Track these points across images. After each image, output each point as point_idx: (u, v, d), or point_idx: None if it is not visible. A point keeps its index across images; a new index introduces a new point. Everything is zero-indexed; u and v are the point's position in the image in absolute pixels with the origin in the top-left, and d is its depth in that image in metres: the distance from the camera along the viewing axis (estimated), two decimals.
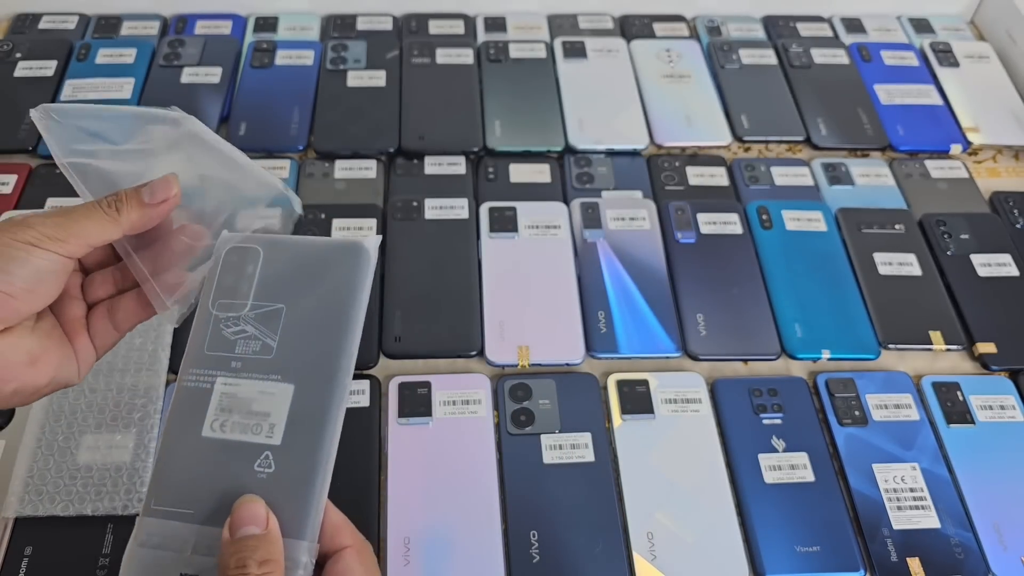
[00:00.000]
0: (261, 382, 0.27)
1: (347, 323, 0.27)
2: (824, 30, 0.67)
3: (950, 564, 0.39)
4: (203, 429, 0.26)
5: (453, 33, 0.64)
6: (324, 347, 0.27)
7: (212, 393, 0.27)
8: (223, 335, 0.28)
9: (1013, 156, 0.59)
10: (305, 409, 0.26)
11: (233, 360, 0.27)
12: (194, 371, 0.27)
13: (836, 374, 0.46)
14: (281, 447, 0.26)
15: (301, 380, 0.27)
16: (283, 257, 0.29)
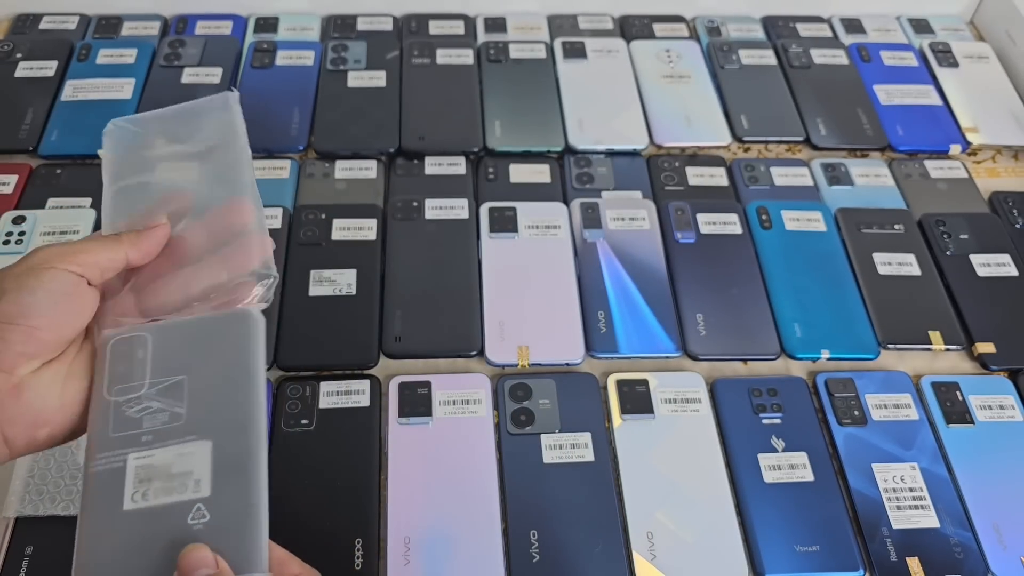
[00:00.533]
0: (177, 446, 0.27)
1: (251, 378, 0.28)
2: (824, 30, 0.67)
3: (949, 564, 0.39)
4: (124, 504, 0.26)
5: (453, 33, 0.64)
6: (233, 402, 0.27)
7: (126, 470, 0.27)
8: (126, 416, 0.28)
9: (1012, 156, 0.60)
10: (228, 458, 0.27)
11: (143, 435, 0.27)
12: (102, 455, 0.27)
13: (835, 374, 0.46)
14: (212, 496, 0.26)
15: (217, 434, 0.27)
16: (173, 336, 0.29)
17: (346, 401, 0.43)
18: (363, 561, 0.38)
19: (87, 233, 0.49)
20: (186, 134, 0.32)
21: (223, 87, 0.58)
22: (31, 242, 0.48)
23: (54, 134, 0.54)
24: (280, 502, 0.39)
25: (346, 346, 0.45)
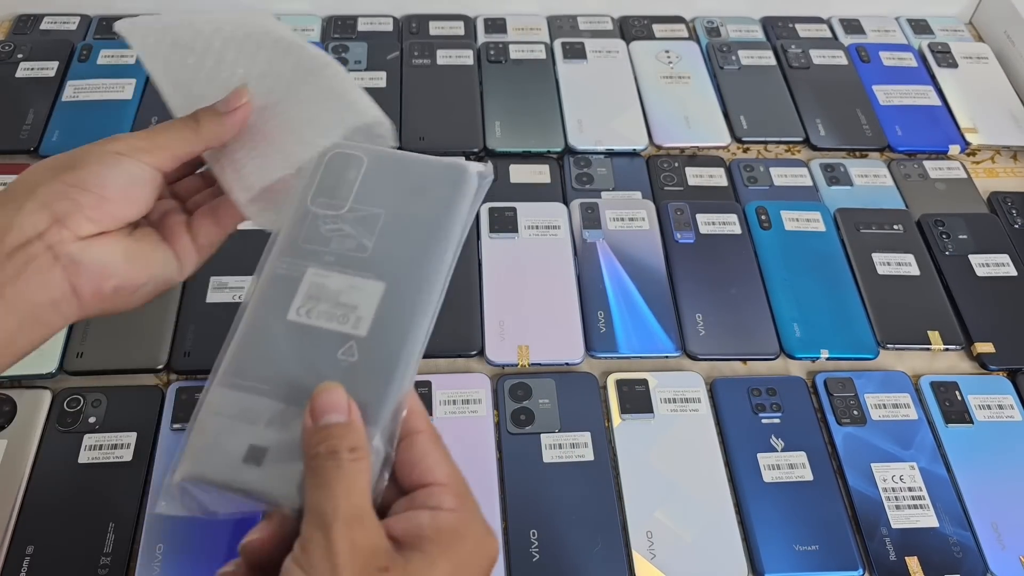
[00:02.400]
0: (353, 277, 0.27)
1: (444, 234, 0.28)
2: (823, 31, 0.67)
3: (948, 563, 0.39)
4: (289, 313, 0.27)
5: (453, 34, 0.64)
6: (420, 254, 0.27)
7: (302, 281, 0.27)
8: (319, 231, 0.28)
9: (1011, 156, 0.60)
10: (394, 307, 0.27)
11: (327, 254, 0.28)
12: (287, 259, 0.28)
13: (835, 374, 0.46)
14: (366, 338, 0.26)
15: (393, 280, 0.27)
16: (386, 168, 0.29)
17: None
18: None
19: None
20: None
21: None
22: None
23: (55, 134, 0.54)
24: None
25: None
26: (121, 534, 0.38)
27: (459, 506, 0.26)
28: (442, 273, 0.27)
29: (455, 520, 0.25)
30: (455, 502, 0.26)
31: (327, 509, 0.23)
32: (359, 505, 0.24)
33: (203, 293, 0.47)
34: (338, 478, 0.23)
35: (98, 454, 0.40)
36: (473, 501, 0.27)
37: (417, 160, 0.29)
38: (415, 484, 0.26)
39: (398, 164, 0.29)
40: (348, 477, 0.24)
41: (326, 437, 0.24)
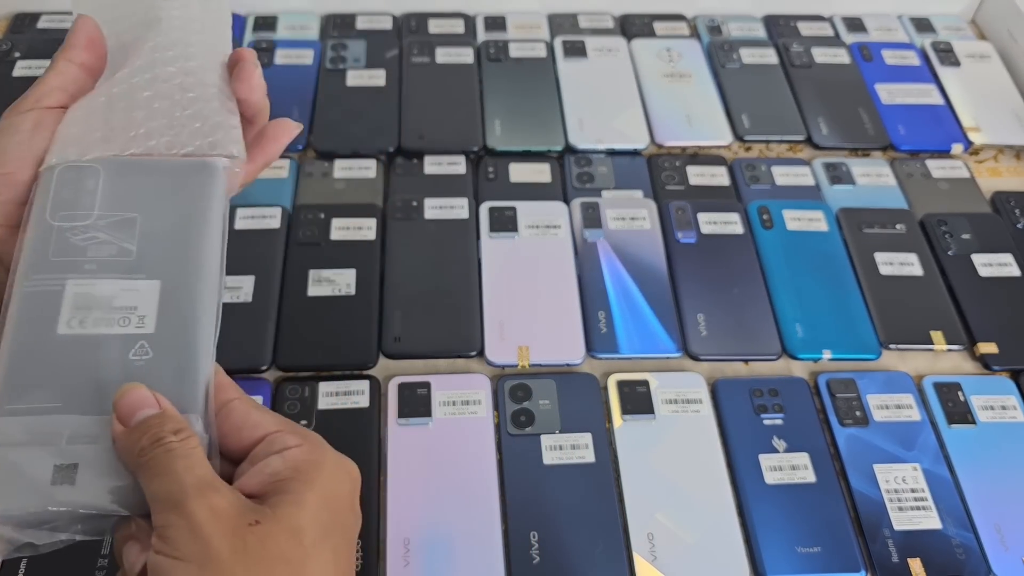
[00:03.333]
0: (123, 281, 0.26)
1: (206, 227, 0.28)
2: (825, 29, 0.67)
3: (951, 565, 0.39)
4: (59, 327, 0.26)
5: (453, 32, 0.63)
6: (187, 249, 0.27)
7: (64, 294, 0.26)
8: (70, 242, 0.27)
9: (1014, 156, 0.59)
10: (176, 301, 0.26)
11: (86, 263, 0.27)
12: (38, 276, 0.26)
13: (837, 374, 0.46)
14: (156, 335, 0.26)
15: (168, 277, 0.27)
16: (128, 173, 0.28)
17: (345, 402, 0.43)
18: (363, 562, 0.38)
19: None
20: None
21: None
22: None
23: None
24: None
25: (345, 346, 0.45)
26: None
27: (303, 440, 0.25)
28: (215, 263, 0.27)
29: (305, 452, 0.25)
30: (297, 439, 0.25)
31: (174, 490, 0.22)
32: (204, 476, 0.23)
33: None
34: (173, 459, 0.23)
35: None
36: (315, 435, 0.26)
37: (160, 163, 0.29)
38: (248, 445, 0.25)
39: (141, 168, 0.29)
40: (183, 456, 0.23)
41: (145, 430, 0.23)
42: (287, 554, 0.22)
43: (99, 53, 0.31)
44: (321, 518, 0.24)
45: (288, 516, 0.23)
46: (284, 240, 0.49)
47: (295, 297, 0.46)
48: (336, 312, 0.46)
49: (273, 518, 0.23)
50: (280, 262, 0.48)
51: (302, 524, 0.23)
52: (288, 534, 0.23)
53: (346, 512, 0.25)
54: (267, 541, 0.22)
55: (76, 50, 0.31)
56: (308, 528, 0.23)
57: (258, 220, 0.50)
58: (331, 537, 0.24)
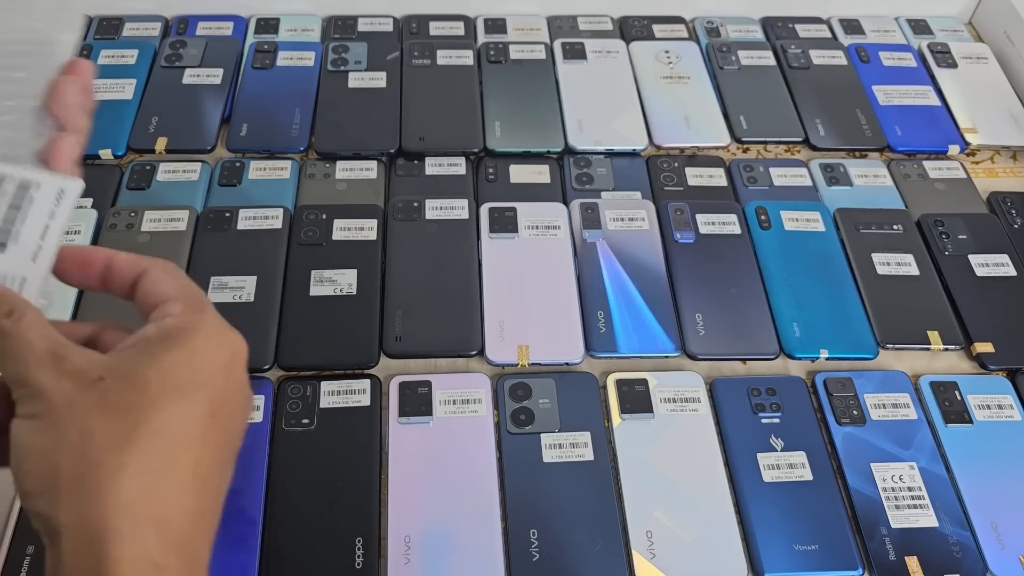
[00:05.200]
0: None
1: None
2: (822, 31, 0.67)
3: (948, 563, 0.39)
4: None
5: (453, 34, 0.64)
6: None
7: None
8: None
9: (1011, 157, 0.60)
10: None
11: None
12: None
13: (834, 373, 0.46)
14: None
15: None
16: None
17: (347, 400, 0.43)
18: (364, 560, 0.38)
19: (88, 233, 0.49)
20: None
21: (224, 87, 0.58)
22: None
23: None
24: (281, 501, 0.40)
25: (347, 346, 0.45)
26: None
27: (186, 310, 0.25)
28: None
29: (180, 321, 0.24)
30: (182, 307, 0.25)
31: (17, 370, 0.23)
32: (45, 347, 0.23)
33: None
34: (9, 342, 0.23)
35: None
36: (210, 309, 0.26)
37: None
38: (148, 313, 0.25)
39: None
40: (18, 336, 0.23)
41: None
42: (128, 402, 0.23)
43: None
44: (177, 373, 0.24)
45: (133, 368, 0.23)
46: (286, 240, 0.49)
47: (297, 297, 0.47)
48: (338, 312, 0.46)
49: (118, 371, 0.23)
50: (282, 262, 0.48)
51: (148, 376, 0.23)
52: (130, 384, 0.23)
53: (215, 375, 0.25)
54: (108, 392, 0.23)
55: None
56: (155, 380, 0.23)
57: (260, 220, 0.50)
58: (189, 393, 0.24)
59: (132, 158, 0.55)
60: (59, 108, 0.29)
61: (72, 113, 0.30)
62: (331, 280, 0.47)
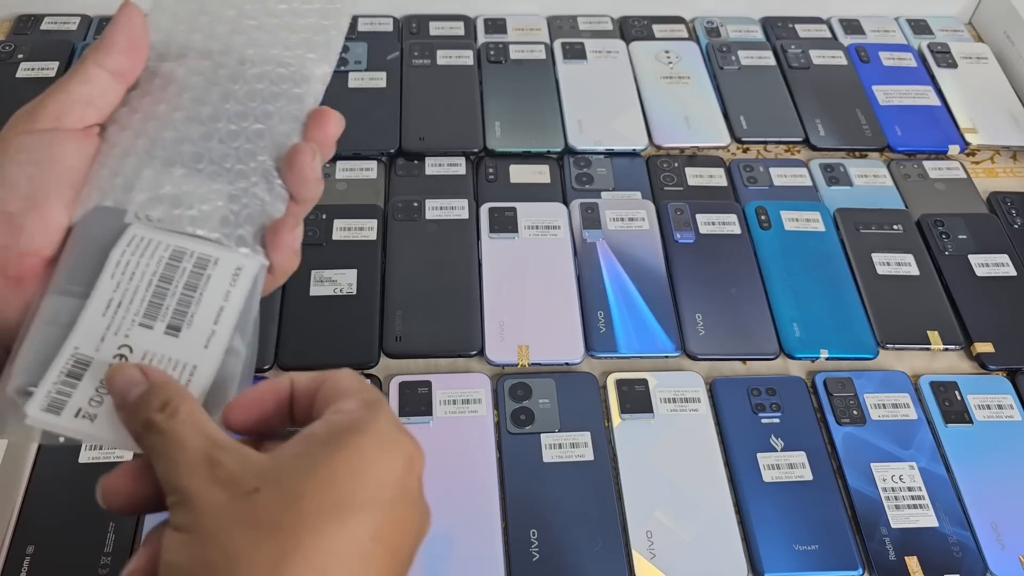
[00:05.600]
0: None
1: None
2: (822, 31, 0.67)
3: (948, 563, 0.39)
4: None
5: (453, 35, 0.64)
6: None
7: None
8: None
9: (1011, 157, 0.60)
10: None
11: None
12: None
13: (834, 373, 0.46)
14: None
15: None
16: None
17: None
18: None
19: None
20: None
21: None
22: None
23: None
24: None
25: (347, 346, 0.45)
26: (122, 534, 0.38)
27: (361, 406, 0.22)
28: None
29: (351, 418, 0.21)
30: (357, 403, 0.22)
31: (169, 471, 0.21)
32: (199, 447, 0.21)
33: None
34: (163, 443, 0.21)
35: (98, 453, 0.40)
36: (386, 408, 0.22)
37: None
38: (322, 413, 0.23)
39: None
40: (173, 432, 0.21)
41: (135, 413, 0.22)
42: (281, 521, 0.20)
43: (139, 58, 0.25)
44: (340, 487, 0.20)
45: (291, 478, 0.20)
46: None
47: (297, 297, 0.47)
48: (338, 312, 0.46)
49: (275, 482, 0.20)
50: None
51: (306, 489, 0.20)
52: (286, 498, 0.20)
53: (384, 489, 0.21)
54: (260, 507, 0.20)
55: (112, 54, 0.25)
56: (313, 494, 0.20)
57: None
58: (352, 513, 0.20)
59: None
60: (296, 180, 0.26)
61: (307, 188, 0.26)
62: (331, 280, 0.47)
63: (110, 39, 0.25)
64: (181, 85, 0.26)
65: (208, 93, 0.26)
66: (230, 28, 0.27)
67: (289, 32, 0.28)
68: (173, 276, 0.24)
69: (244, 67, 0.27)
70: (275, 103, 0.26)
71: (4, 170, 0.23)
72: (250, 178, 0.26)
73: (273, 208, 0.26)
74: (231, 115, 0.26)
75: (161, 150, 0.25)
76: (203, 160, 0.25)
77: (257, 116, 0.26)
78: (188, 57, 0.26)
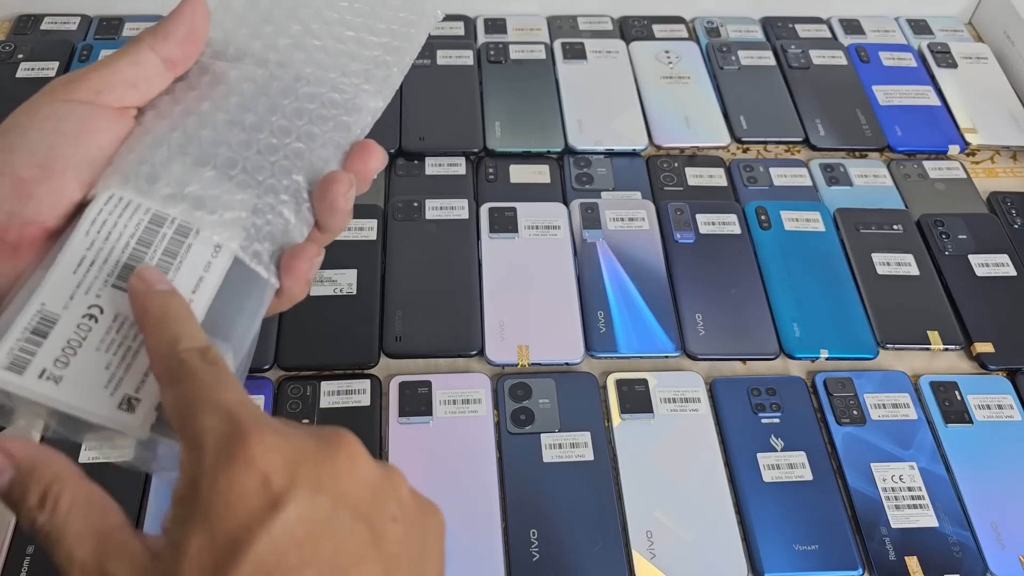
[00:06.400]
0: None
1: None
2: (822, 31, 0.67)
3: (948, 563, 0.39)
4: None
5: (453, 34, 0.64)
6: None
7: None
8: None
9: (1011, 157, 0.60)
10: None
11: None
12: None
13: (834, 373, 0.46)
14: None
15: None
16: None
17: (347, 400, 0.43)
18: None
19: None
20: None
21: None
22: None
23: None
24: None
25: (347, 346, 0.45)
26: None
27: (185, 469, 0.20)
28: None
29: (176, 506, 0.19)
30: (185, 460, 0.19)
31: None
32: (85, 558, 0.19)
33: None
34: (51, 548, 0.19)
35: (98, 454, 0.40)
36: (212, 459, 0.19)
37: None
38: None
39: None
40: (59, 541, 0.19)
41: (11, 505, 0.20)
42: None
43: (194, 51, 0.25)
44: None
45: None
46: None
47: None
48: (338, 312, 0.46)
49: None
50: None
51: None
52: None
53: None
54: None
55: (169, 41, 0.24)
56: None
57: None
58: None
59: None
60: (326, 208, 0.24)
61: (336, 218, 0.25)
62: (331, 280, 0.47)
63: (170, 27, 0.24)
64: (230, 87, 0.25)
65: (256, 101, 0.25)
66: (292, 43, 0.26)
67: (350, 59, 0.27)
68: (152, 241, 0.23)
69: (298, 84, 0.26)
70: (321, 126, 0.26)
71: (27, 134, 0.22)
72: (280, 195, 0.25)
73: (296, 231, 0.25)
74: (275, 128, 0.25)
75: (196, 147, 0.24)
76: (236, 167, 0.24)
77: (300, 135, 0.25)
78: (243, 61, 0.26)
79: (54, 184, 0.22)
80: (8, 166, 0.22)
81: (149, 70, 0.24)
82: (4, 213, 0.22)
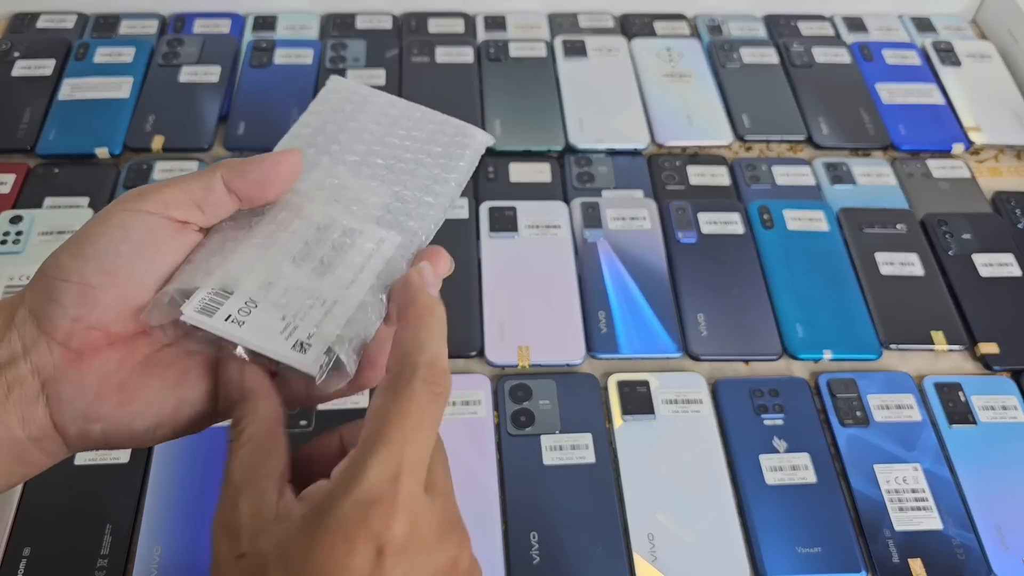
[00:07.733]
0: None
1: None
2: (825, 29, 0.66)
3: (952, 565, 0.39)
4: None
5: (453, 32, 0.63)
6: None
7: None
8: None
9: (1015, 156, 0.59)
10: None
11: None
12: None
13: (837, 374, 0.45)
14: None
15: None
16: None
17: (345, 402, 0.43)
18: None
19: None
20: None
21: (221, 85, 0.58)
22: (28, 242, 0.48)
23: (52, 133, 0.54)
24: None
25: None
26: (118, 536, 0.38)
27: (344, 467, 0.22)
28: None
29: (327, 490, 0.22)
30: (347, 460, 0.22)
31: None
32: (235, 481, 0.21)
33: None
34: (230, 461, 0.22)
35: (95, 455, 0.40)
36: (375, 457, 0.22)
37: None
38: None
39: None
40: (231, 454, 0.22)
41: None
42: None
43: (264, 197, 0.25)
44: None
45: (277, 550, 0.21)
46: None
47: None
48: None
49: (256, 557, 0.20)
50: None
51: (278, 569, 0.20)
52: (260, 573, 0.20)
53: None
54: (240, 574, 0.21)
55: (242, 179, 0.24)
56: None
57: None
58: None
59: (129, 157, 0.54)
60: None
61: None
62: None
63: (248, 166, 0.25)
64: (295, 235, 0.27)
65: (313, 250, 0.27)
66: (359, 160, 0.30)
67: (411, 176, 0.32)
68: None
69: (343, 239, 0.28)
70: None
71: (98, 242, 0.23)
72: (368, 313, 0.27)
73: (374, 328, 0.27)
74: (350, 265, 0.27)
75: (265, 272, 0.26)
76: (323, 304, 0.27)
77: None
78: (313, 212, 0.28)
79: (121, 292, 0.23)
80: (77, 274, 0.22)
81: (216, 199, 0.25)
82: (70, 320, 0.22)
